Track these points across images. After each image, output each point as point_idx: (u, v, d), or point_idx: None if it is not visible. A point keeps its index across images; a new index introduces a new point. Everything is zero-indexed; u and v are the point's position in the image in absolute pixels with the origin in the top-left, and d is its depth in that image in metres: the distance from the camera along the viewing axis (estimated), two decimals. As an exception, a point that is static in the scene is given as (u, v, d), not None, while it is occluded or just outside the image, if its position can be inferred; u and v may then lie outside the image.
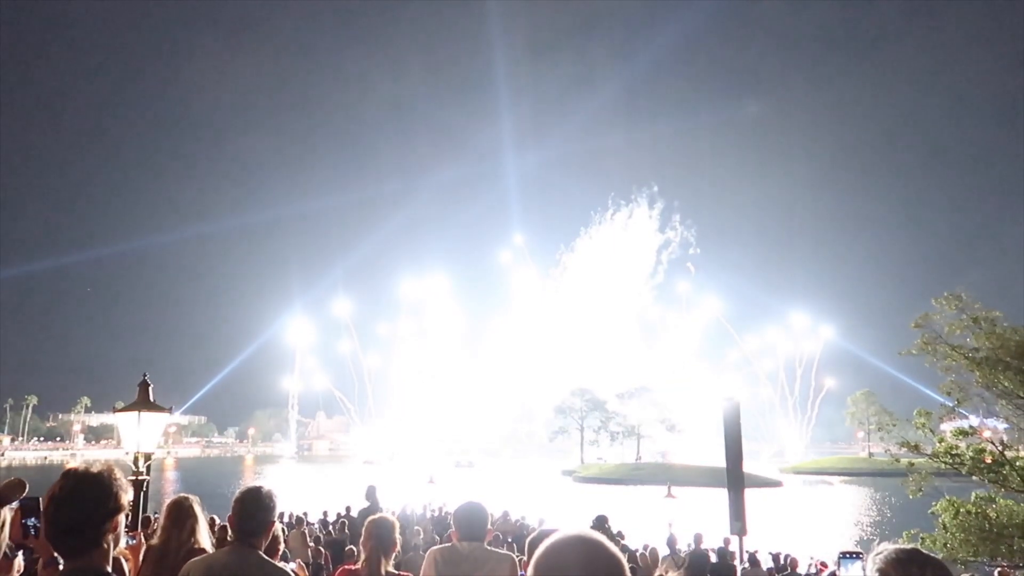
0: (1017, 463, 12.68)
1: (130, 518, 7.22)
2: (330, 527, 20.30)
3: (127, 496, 2.31)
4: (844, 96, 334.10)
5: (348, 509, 24.26)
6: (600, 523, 13.35)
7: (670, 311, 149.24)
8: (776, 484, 79.25)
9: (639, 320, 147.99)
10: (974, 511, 12.61)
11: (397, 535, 4.36)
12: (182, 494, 4.26)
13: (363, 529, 4.42)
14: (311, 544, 15.08)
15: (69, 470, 2.30)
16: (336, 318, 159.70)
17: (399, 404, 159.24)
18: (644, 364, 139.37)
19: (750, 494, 17.19)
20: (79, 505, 2.20)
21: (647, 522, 41.35)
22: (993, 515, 12.53)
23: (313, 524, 21.10)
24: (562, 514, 47.66)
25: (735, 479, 14.66)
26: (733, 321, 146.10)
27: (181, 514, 4.16)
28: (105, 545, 2.24)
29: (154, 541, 4.59)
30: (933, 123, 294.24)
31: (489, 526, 4.48)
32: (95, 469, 2.29)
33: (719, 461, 16.56)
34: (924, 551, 1.92)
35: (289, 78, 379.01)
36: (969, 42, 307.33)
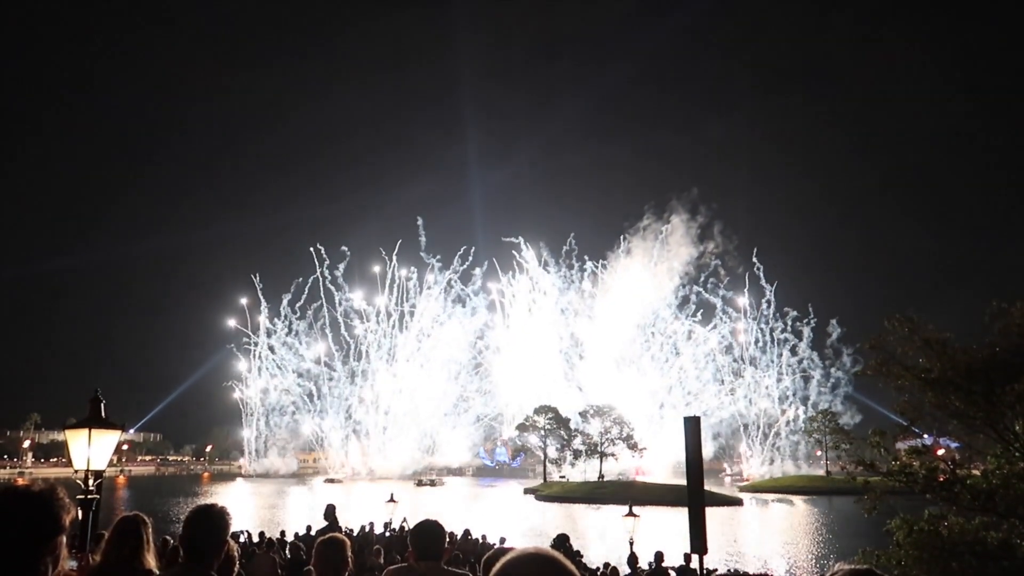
0: (968, 481, 12.95)
1: (79, 539, 7.00)
2: (287, 548, 19.91)
3: (69, 517, 2.18)
4: (803, 119, 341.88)
5: (308, 529, 23.91)
6: (561, 542, 13.34)
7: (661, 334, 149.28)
8: (737, 503, 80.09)
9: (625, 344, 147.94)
10: (927, 529, 12.84)
11: (349, 555, 4.28)
12: (131, 511, 4.12)
13: (313, 551, 4.34)
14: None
15: (5, 488, 2.17)
16: (300, 331, 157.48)
17: (364, 421, 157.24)
18: (622, 384, 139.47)
19: (711, 512, 17.32)
20: (12, 526, 2.07)
21: (608, 541, 41.39)
22: (945, 532, 12.77)
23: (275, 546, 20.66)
24: (523, 532, 47.58)
25: (695, 498, 14.74)
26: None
27: (125, 533, 4.01)
28: (42, 568, 2.11)
29: (95, 559, 4.43)
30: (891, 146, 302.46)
31: (447, 544, 4.44)
32: (35, 488, 2.16)
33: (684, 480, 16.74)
34: (878, 571, 1.94)
35: (254, 91, 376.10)
36: (920, 68, 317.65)
